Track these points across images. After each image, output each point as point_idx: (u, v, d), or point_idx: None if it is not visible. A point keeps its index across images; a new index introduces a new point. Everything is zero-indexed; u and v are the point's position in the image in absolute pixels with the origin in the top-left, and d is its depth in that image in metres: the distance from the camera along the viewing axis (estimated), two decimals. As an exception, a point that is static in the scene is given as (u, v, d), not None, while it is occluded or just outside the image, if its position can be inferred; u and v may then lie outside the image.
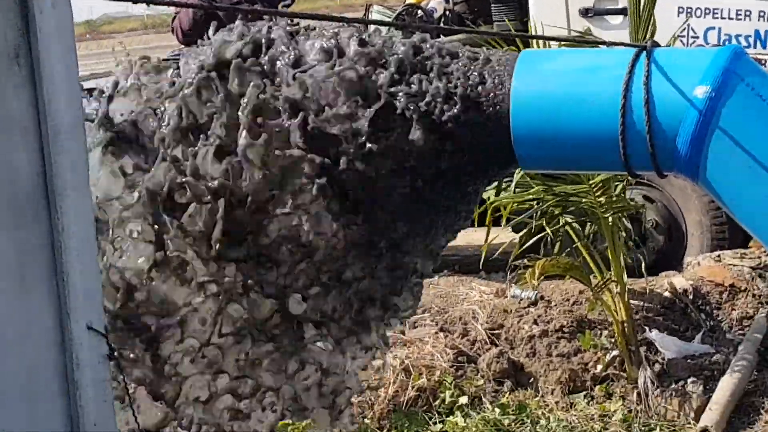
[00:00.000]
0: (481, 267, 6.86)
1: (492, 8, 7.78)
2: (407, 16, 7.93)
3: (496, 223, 6.25)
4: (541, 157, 2.82)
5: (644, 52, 2.70)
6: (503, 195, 6.11)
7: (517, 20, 7.48)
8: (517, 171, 5.48)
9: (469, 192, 2.95)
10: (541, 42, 5.53)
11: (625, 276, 6.12)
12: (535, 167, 3.05)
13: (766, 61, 5.69)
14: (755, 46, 6.86)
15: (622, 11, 7.09)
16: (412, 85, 2.70)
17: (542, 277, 6.04)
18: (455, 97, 2.71)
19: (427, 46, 2.76)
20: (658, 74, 2.66)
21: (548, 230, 6.12)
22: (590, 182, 5.79)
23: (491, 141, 2.76)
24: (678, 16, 7.02)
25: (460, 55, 2.79)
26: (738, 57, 2.67)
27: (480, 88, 2.73)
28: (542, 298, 6.64)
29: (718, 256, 6.88)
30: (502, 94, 2.71)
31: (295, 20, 2.89)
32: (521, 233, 6.29)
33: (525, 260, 6.15)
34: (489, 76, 2.74)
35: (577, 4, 7.14)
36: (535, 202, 6.00)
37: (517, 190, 6.05)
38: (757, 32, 6.88)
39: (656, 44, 2.75)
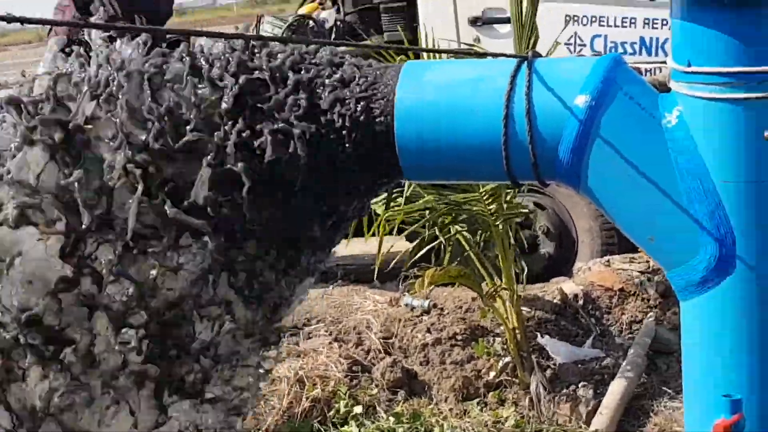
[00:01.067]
0: (375, 277, 6.87)
1: (382, 18, 7.81)
2: (299, 27, 7.93)
3: (392, 232, 6.27)
4: (425, 168, 2.83)
5: (525, 63, 2.73)
6: (395, 205, 6.12)
7: (407, 30, 7.52)
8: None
9: (356, 206, 2.95)
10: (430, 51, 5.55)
11: (515, 283, 6.17)
12: (420, 178, 3.06)
13: (646, 70, 5.78)
14: (641, 53, 6.98)
15: (509, 20, 7.15)
16: (298, 101, 2.69)
17: (433, 285, 6.07)
18: (339, 111, 2.70)
19: (309, 59, 2.75)
20: (539, 84, 2.69)
21: (441, 238, 6.15)
22: (481, 190, 5.83)
23: (377, 153, 2.76)
24: (565, 24, 7.10)
25: (344, 66, 2.78)
26: (617, 66, 2.71)
27: (364, 100, 2.73)
28: (435, 306, 6.67)
29: (608, 261, 6.98)
30: (387, 105, 2.72)
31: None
32: (414, 243, 6.32)
33: (415, 269, 6.17)
34: (374, 88, 2.74)
35: (466, 13, 7.20)
36: (427, 211, 6.02)
37: (408, 199, 6.06)
38: (642, 39, 6.99)
39: (537, 54, 2.78)
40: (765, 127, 2.57)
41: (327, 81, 2.73)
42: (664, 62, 2.92)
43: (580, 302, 6.61)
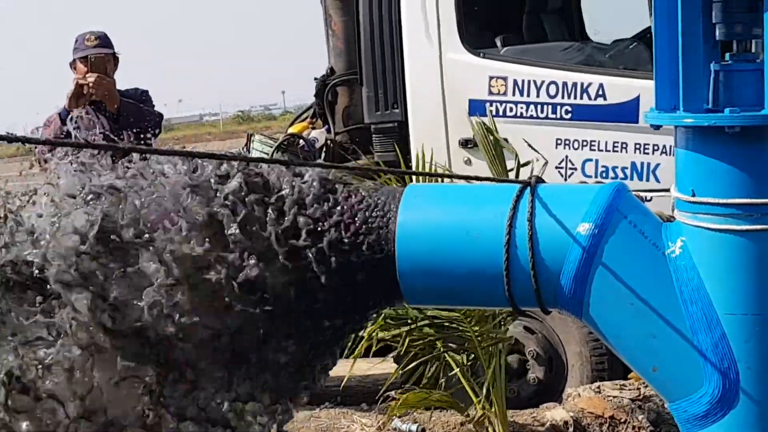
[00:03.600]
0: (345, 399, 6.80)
1: (373, 139, 7.83)
2: (289, 147, 7.95)
3: (384, 353, 6.21)
4: (426, 292, 2.81)
5: (528, 188, 2.72)
6: (381, 325, 6.06)
7: (398, 151, 7.55)
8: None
9: (347, 330, 2.92)
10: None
11: (505, 407, 6.10)
12: (420, 302, 3.03)
13: (648, 197, 5.79)
14: (632, 178, 7.00)
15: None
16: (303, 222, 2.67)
17: (420, 408, 6.00)
18: (338, 234, 2.68)
19: (308, 180, 2.74)
20: (542, 210, 2.67)
21: (426, 359, 6.09)
22: (467, 312, 5.79)
23: (378, 277, 2.73)
24: (556, 148, 7.14)
25: (341, 190, 2.77)
26: (620, 194, 2.70)
27: (364, 224, 2.71)
28: (423, 430, 6.58)
29: (598, 387, 6.91)
30: (388, 229, 2.70)
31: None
32: (397, 361, 6.25)
33: (396, 392, 6.11)
34: (374, 212, 2.72)
35: (456, 135, 7.23)
36: (413, 332, 5.97)
37: (394, 319, 6.01)
38: (633, 164, 7.02)
39: (540, 180, 2.77)
40: (769, 258, 2.55)
41: (326, 205, 2.71)
42: (666, 189, 2.91)
43: (571, 429, 6.53)
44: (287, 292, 2.67)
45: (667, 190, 2.83)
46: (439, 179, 5.76)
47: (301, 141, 8.16)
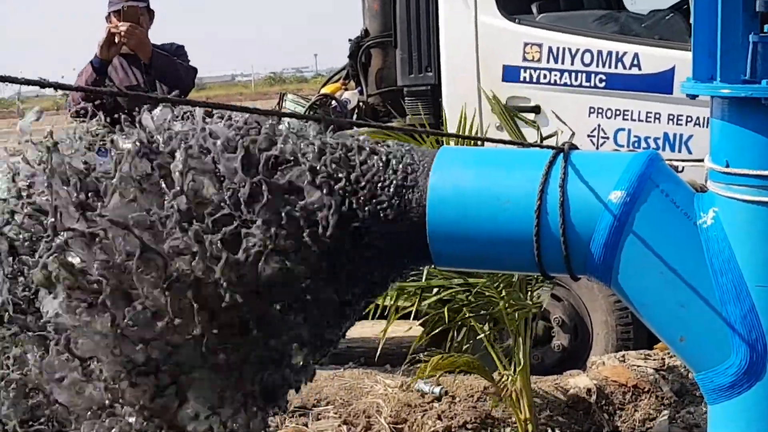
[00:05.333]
0: (375, 360, 6.82)
1: (405, 102, 7.83)
2: (321, 107, 7.95)
3: (408, 316, 6.22)
4: (455, 256, 2.81)
5: (561, 154, 2.71)
6: (409, 288, 6.07)
7: (431, 114, 7.52)
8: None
9: (377, 286, 2.92)
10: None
11: (529, 374, 6.11)
12: (449, 265, 3.03)
13: (680, 167, 5.77)
14: (664, 149, 6.97)
15: (534, 109, 7.18)
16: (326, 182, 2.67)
17: (442, 372, 6.02)
18: (370, 194, 2.68)
19: (336, 143, 2.73)
20: (574, 177, 2.67)
21: (452, 324, 6.10)
22: (496, 278, 5.79)
23: (406, 238, 2.73)
24: (589, 116, 7.12)
25: (377, 150, 2.77)
26: (654, 163, 2.69)
27: (395, 185, 2.71)
28: (447, 393, 6.60)
29: (623, 356, 6.91)
30: (421, 192, 2.70)
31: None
32: (424, 324, 6.26)
33: (423, 354, 6.12)
34: (406, 173, 2.72)
35: (489, 105, 7.21)
36: (441, 295, 5.97)
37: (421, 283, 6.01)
38: (666, 135, 6.99)
39: (574, 147, 2.76)
40: (802, 232, 2.54)
41: (363, 167, 2.70)
42: (699, 160, 2.90)
43: (593, 397, 6.54)
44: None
45: (701, 161, 2.82)
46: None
47: (334, 102, 8.16)
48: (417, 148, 2.82)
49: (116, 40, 7.27)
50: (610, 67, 7.03)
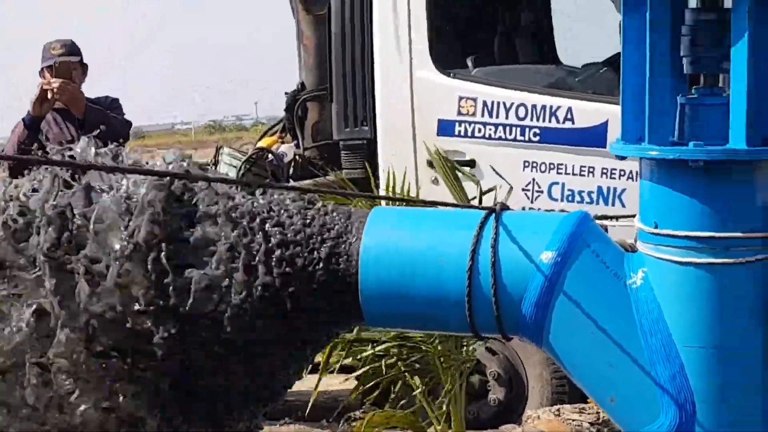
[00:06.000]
0: (308, 415, 6.78)
1: (342, 155, 7.84)
2: (257, 160, 7.95)
3: (349, 369, 6.19)
4: (388, 316, 2.81)
5: (493, 214, 2.73)
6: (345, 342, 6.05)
7: (365, 168, 7.54)
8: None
9: (309, 345, 2.91)
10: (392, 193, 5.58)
11: (464, 429, 6.10)
12: (381, 325, 3.03)
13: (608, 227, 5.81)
14: (597, 203, 7.02)
15: (469, 163, 7.21)
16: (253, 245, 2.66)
17: (377, 428, 5.99)
18: (301, 255, 2.68)
19: (270, 203, 2.73)
20: (505, 237, 2.68)
21: (386, 379, 6.08)
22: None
23: (338, 298, 2.73)
24: (523, 170, 7.16)
25: (307, 210, 2.77)
26: (584, 222, 2.71)
27: (327, 246, 2.71)
28: (382, 449, 6.57)
29: (558, 410, 6.92)
30: (353, 252, 2.70)
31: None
32: (359, 378, 6.23)
33: (359, 411, 6.10)
34: (339, 234, 2.72)
35: (425, 154, 7.24)
36: (375, 350, 5.96)
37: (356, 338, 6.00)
38: (599, 188, 7.04)
39: (505, 207, 2.78)
40: (730, 293, 2.57)
41: (294, 227, 2.71)
42: (632, 216, 2.92)
43: (529, 451, 6.54)
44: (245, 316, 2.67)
45: (633, 216, 2.85)
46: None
47: (270, 155, 8.16)
48: (349, 209, 2.82)
49: (49, 96, 7.23)
50: (544, 120, 7.09)
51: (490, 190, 6.26)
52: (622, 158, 2.77)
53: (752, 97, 2.55)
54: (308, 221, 2.71)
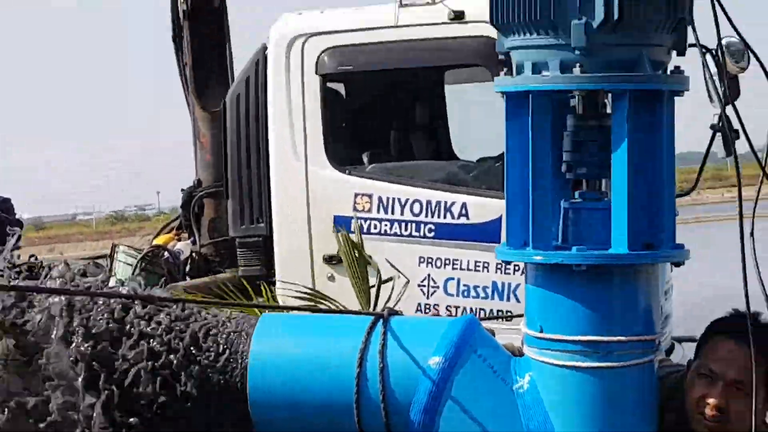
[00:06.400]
0: None
1: (238, 253, 7.79)
2: (153, 258, 7.87)
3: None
4: (277, 422, 2.80)
5: (381, 320, 2.74)
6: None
7: (263, 265, 7.50)
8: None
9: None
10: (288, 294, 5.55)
11: None
12: (271, 430, 3.01)
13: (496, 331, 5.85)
14: (493, 298, 7.05)
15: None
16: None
17: None
18: (191, 363, 2.67)
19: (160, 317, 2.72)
20: (393, 343, 2.70)
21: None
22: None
23: (227, 405, 2.72)
24: (419, 265, 7.17)
25: (191, 319, 2.76)
26: (471, 328, 2.74)
27: (215, 354, 2.70)
28: None
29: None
30: (242, 359, 2.69)
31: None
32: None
33: None
34: (228, 341, 2.72)
35: (321, 251, 7.23)
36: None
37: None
38: (494, 284, 7.07)
39: (394, 312, 2.80)
40: (614, 396, 2.60)
41: (183, 334, 2.69)
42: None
43: None
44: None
45: (521, 316, 2.88)
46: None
47: (166, 253, 8.09)
48: (239, 317, 2.82)
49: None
50: (439, 216, 7.13)
51: (388, 279, 6.27)
52: (507, 263, 2.80)
53: (632, 201, 2.61)
54: (196, 331, 2.70)
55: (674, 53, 2.77)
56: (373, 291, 6.08)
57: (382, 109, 8.47)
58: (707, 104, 3.78)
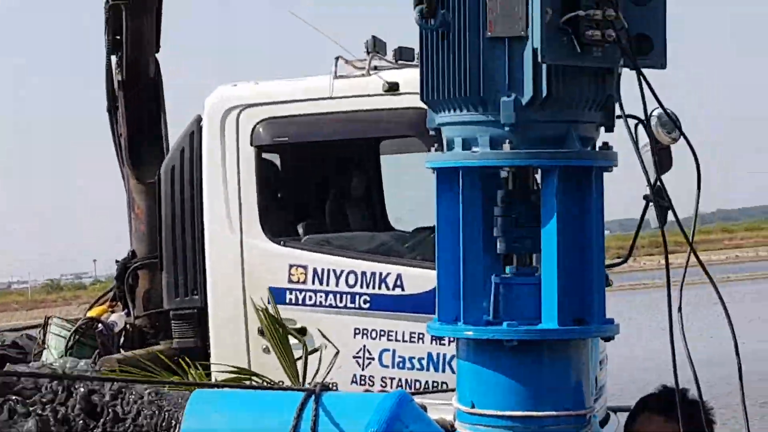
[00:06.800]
0: None
1: (173, 325, 7.73)
2: (87, 331, 7.78)
3: None
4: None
5: (312, 396, 2.73)
6: None
7: (198, 338, 7.46)
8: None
9: None
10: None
11: None
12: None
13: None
14: (428, 369, 7.04)
15: (301, 330, 7.18)
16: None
17: None
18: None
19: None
20: (325, 419, 2.69)
21: None
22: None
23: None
24: (354, 337, 7.15)
25: (131, 394, 2.73)
26: (403, 403, 2.73)
27: (146, 429, 2.67)
28: None
29: None
30: (170, 437, 2.67)
31: None
32: None
33: None
34: (157, 419, 2.69)
35: (256, 323, 7.18)
36: None
37: None
38: (429, 355, 7.06)
39: (326, 388, 2.79)
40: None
41: (113, 410, 2.67)
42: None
43: None
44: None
45: (454, 390, 2.87)
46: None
47: (100, 325, 8.00)
48: (168, 393, 2.79)
49: None
50: (374, 287, 7.13)
51: (314, 350, 6.24)
52: (440, 339, 2.80)
53: (562, 276, 2.63)
54: (124, 405, 2.67)
55: (603, 129, 2.81)
56: (300, 363, 6.06)
57: (318, 180, 8.48)
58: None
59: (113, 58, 8.29)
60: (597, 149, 2.79)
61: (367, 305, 7.15)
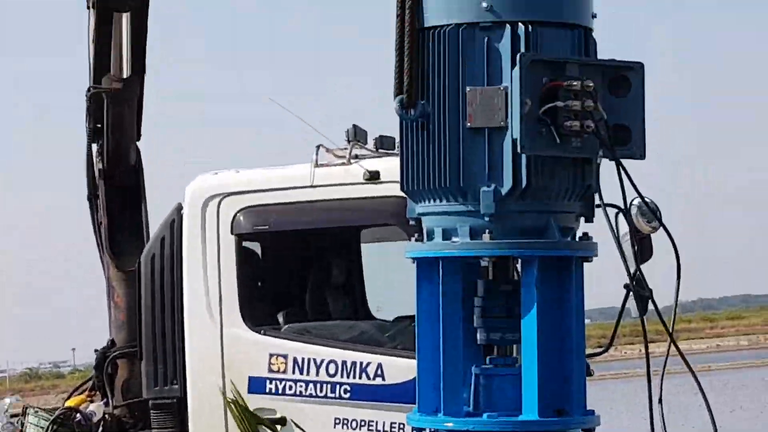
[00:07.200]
0: None
1: (151, 414, 7.68)
2: (65, 421, 7.72)
3: None
4: None
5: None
6: None
7: (176, 428, 7.40)
8: None
9: None
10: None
11: None
12: None
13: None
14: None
15: (280, 420, 7.13)
16: None
17: None
18: None
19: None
20: None
21: None
22: None
23: None
24: (335, 427, 7.11)
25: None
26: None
27: None
28: None
29: None
30: None
31: None
32: None
33: None
34: None
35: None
36: None
37: None
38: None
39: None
40: None
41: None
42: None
43: None
44: None
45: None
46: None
47: (78, 415, 7.93)
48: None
49: None
50: (354, 377, 7.09)
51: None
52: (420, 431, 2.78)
53: (542, 367, 2.62)
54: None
55: (582, 219, 2.82)
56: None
57: (298, 269, 8.48)
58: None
59: (94, 146, 8.32)
60: (577, 239, 2.79)
61: (348, 395, 7.12)
